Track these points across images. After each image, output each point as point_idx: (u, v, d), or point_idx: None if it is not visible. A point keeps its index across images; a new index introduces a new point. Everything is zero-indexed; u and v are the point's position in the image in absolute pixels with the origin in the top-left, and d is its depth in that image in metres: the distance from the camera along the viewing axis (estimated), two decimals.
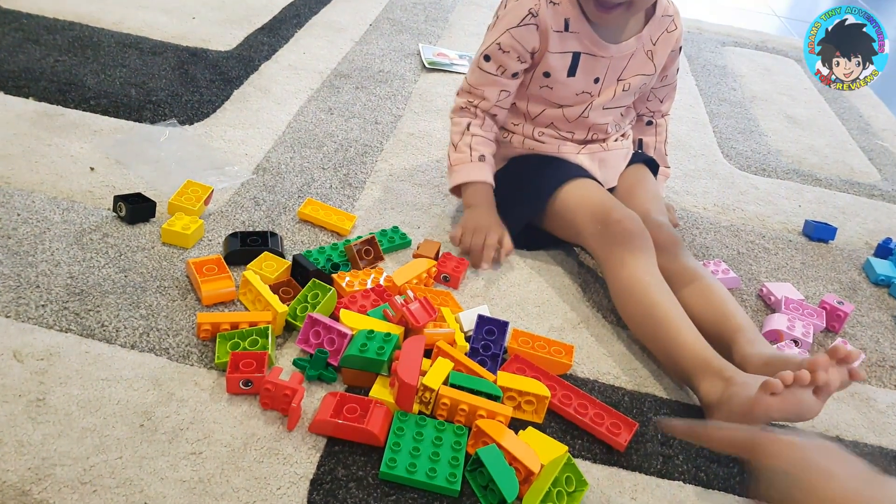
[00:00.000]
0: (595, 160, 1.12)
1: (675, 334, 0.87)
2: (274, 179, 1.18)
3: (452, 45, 1.88)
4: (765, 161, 1.55)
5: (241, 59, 1.56)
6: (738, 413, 0.77)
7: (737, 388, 0.79)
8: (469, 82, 1.09)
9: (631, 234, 0.96)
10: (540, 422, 0.82)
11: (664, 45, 1.09)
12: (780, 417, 0.78)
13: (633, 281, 0.93)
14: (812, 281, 1.18)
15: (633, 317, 0.93)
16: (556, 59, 1.04)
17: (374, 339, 0.82)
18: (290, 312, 0.88)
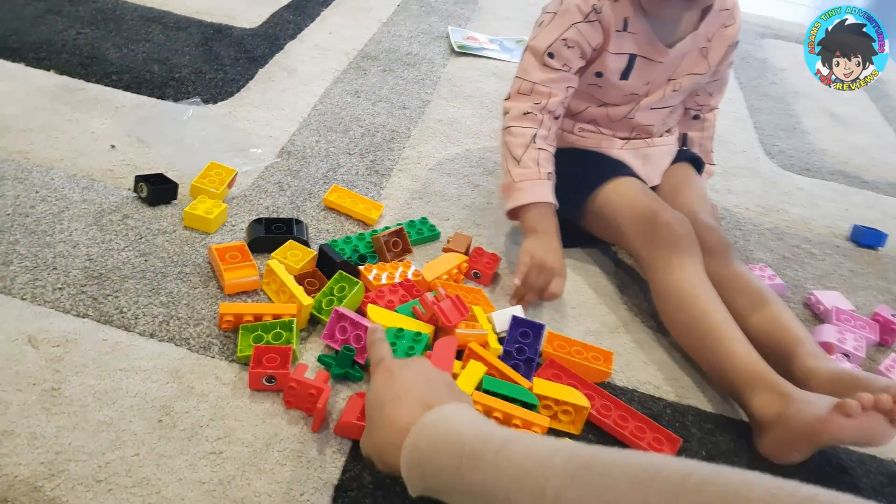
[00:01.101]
0: (638, 156, 1.07)
1: (726, 345, 0.82)
2: (299, 164, 1.14)
3: (482, 29, 1.82)
4: (808, 160, 1.49)
5: (266, 37, 1.51)
6: (802, 432, 0.73)
7: (798, 405, 0.74)
8: (533, 80, 0.97)
9: (680, 237, 0.91)
10: (577, 433, 0.77)
11: (720, 42, 1.03)
12: (850, 441, 0.73)
13: (681, 287, 0.88)
14: (861, 290, 1.12)
15: (680, 324, 0.88)
16: (612, 60, 0.98)
17: (403, 337, 0.78)
18: (315, 305, 0.83)
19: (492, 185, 1.20)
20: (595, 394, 0.81)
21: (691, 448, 0.78)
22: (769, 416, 0.77)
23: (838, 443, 0.76)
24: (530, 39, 0.99)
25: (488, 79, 1.58)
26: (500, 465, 0.48)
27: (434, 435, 0.54)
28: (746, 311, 0.90)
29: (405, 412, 0.57)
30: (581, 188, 1.02)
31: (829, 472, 0.79)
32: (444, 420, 0.55)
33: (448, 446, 0.52)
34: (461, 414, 0.56)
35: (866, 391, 0.74)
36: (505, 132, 0.99)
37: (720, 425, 0.82)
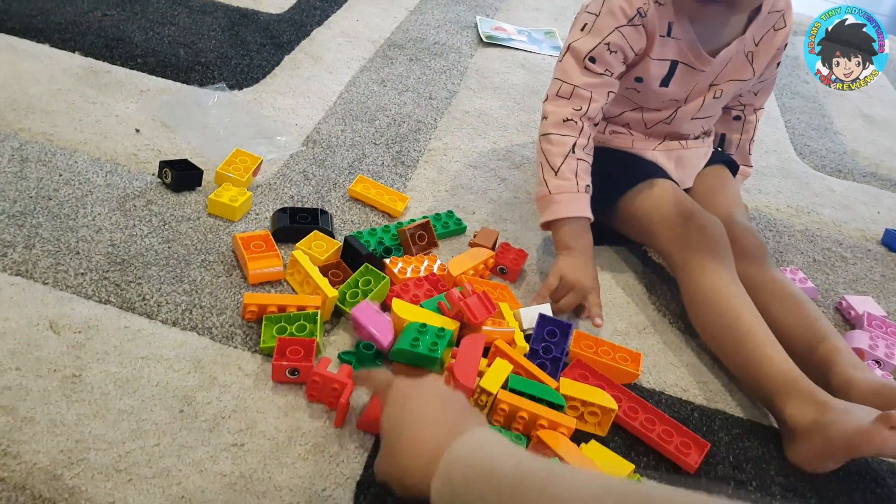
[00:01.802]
0: (672, 158, 1.04)
1: (760, 350, 0.80)
2: (324, 153, 1.13)
3: (511, 20, 1.79)
4: (841, 162, 1.45)
5: (292, 23, 1.50)
6: (842, 442, 0.71)
7: (836, 414, 0.72)
8: (574, 83, 0.92)
9: (714, 240, 0.89)
10: (603, 435, 0.75)
11: (767, 46, 0.99)
12: (892, 454, 0.71)
13: (714, 290, 0.86)
14: (893, 296, 1.09)
15: (712, 328, 0.86)
16: (654, 66, 0.95)
17: (426, 333, 0.76)
18: (339, 297, 0.82)
19: (519, 179, 1.18)
20: (622, 395, 0.79)
21: (719, 453, 0.76)
22: (804, 424, 0.75)
23: (879, 455, 0.74)
24: (570, 40, 0.94)
25: (516, 70, 1.55)
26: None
27: (468, 469, 0.52)
28: (783, 317, 0.87)
29: (428, 436, 0.56)
30: (613, 189, 1.00)
31: (859, 480, 0.77)
32: (478, 452, 0.53)
33: (485, 483, 0.50)
34: (493, 445, 0.54)
35: None
36: (543, 139, 0.94)
37: (749, 430, 0.80)
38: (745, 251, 0.92)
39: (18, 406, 0.65)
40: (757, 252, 0.93)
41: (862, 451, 0.71)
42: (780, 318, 0.87)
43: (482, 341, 0.77)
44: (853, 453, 0.72)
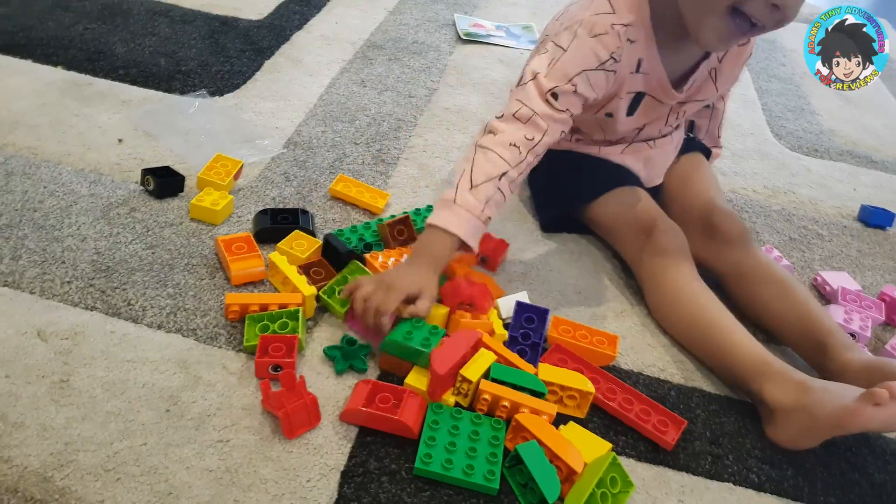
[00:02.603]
0: (640, 159, 1.04)
1: (728, 338, 0.83)
2: (305, 154, 1.14)
3: (489, 16, 1.81)
4: (817, 141, 1.47)
5: (272, 28, 1.51)
6: (827, 421, 0.73)
7: (818, 394, 0.74)
8: (535, 109, 0.84)
9: (674, 245, 0.91)
10: (583, 417, 0.77)
11: (732, 63, 0.97)
12: (877, 428, 0.73)
13: (678, 287, 0.89)
14: (869, 270, 1.11)
15: (680, 323, 0.89)
16: (622, 101, 0.93)
17: (420, 328, 0.77)
18: (327, 293, 0.84)
19: None
20: (600, 377, 0.81)
21: (696, 429, 0.78)
22: (786, 404, 0.76)
23: (864, 430, 0.76)
24: (536, 69, 0.85)
25: (495, 66, 1.57)
26: None
27: None
28: (773, 301, 0.89)
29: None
30: (579, 196, 1.02)
31: (834, 451, 0.79)
32: None
33: None
34: None
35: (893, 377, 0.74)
36: (479, 149, 0.84)
37: (725, 406, 0.82)
38: (728, 237, 0.94)
39: (8, 412, 0.67)
40: (740, 236, 0.95)
41: (849, 428, 0.72)
42: (769, 303, 0.89)
43: (474, 338, 0.77)
44: (839, 431, 0.73)
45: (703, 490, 0.72)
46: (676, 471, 0.74)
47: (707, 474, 0.74)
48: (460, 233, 0.81)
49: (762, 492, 0.74)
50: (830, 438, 0.76)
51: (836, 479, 0.76)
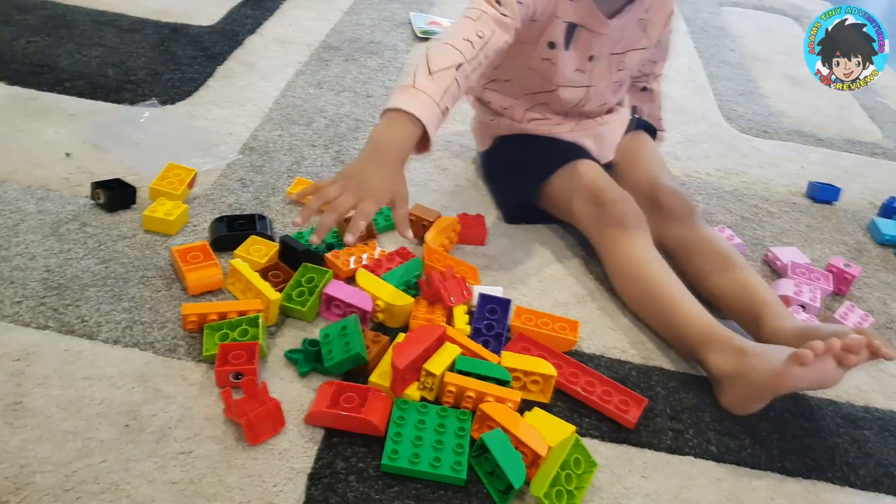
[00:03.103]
0: (590, 136, 1.07)
1: (677, 308, 0.85)
2: (262, 159, 1.14)
3: (445, 13, 1.81)
4: (767, 123, 1.50)
5: (224, 33, 1.50)
6: (761, 384, 0.75)
7: (754, 359, 0.77)
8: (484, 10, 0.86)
9: (626, 214, 0.93)
10: (547, 401, 0.78)
11: (658, 12, 1.02)
12: (806, 387, 0.76)
13: (630, 258, 0.90)
14: (818, 244, 1.14)
15: (633, 294, 0.91)
16: (558, 30, 0.96)
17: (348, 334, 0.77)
18: (285, 298, 0.84)
19: (460, 168, 1.20)
20: (563, 362, 0.82)
21: (657, 407, 0.80)
22: (727, 371, 0.79)
23: (796, 390, 0.79)
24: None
25: None
26: None
27: None
28: (714, 274, 0.92)
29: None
30: (534, 176, 1.03)
31: (788, 418, 0.82)
32: None
33: None
34: None
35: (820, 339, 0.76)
36: (433, 45, 0.85)
37: (684, 383, 0.84)
38: (673, 212, 0.96)
39: None
40: (684, 212, 0.97)
41: (780, 389, 0.75)
42: (711, 276, 0.91)
43: (437, 333, 0.77)
44: (774, 392, 0.76)
45: (665, 465, 0.74)
46: (639, 448, 0.75)
47: (668, 449, 0.76)
48: (422, 117, 0.78)
49: (722, 462, 0.75)
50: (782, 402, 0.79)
51: (791, 445, 0.78)
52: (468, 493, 0.68)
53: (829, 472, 0.77)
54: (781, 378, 0.73)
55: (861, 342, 0.73)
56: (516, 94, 1.05)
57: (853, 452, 0.79)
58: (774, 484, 0.74)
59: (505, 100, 1.07)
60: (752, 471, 0.75)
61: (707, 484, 0.73)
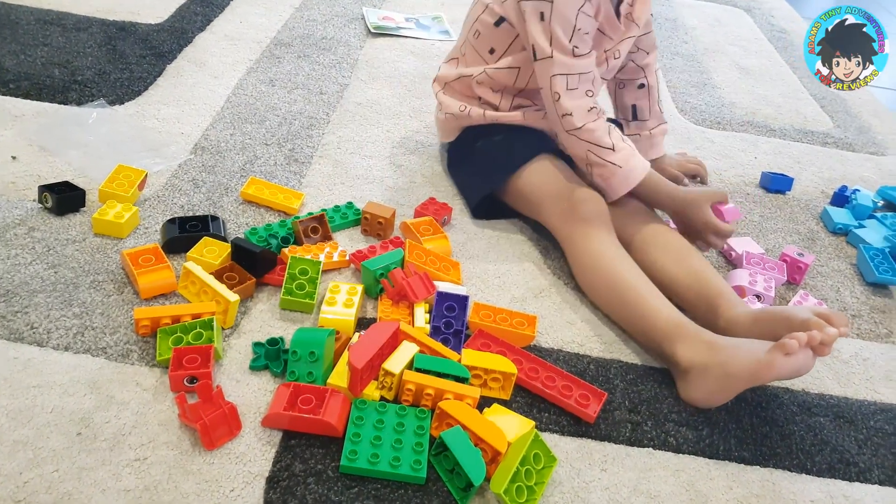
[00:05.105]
0: None
1: (644, 302, 0.86)
2: (214, 159, 1.12)
3: (398, 8, 1.81)
4: (719, 114, 1.53)
5: (173, 31, 1.47)
6: (741, 375, 0.77)
7: (728, 351, 0.78)
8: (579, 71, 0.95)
9: (595, 213, 0.94)
10: (507, 398, 0.79)
11: (642, 2, 1.03)
12: (786, 376, 0.77)
13: (596, 254, 0.91)
14: (771, 233, 1.17)
15: (599, 289, 0.92)
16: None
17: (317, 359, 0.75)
18: (287, 293, 0.84)
19: (415, 164, 1.20)
20: (523, 358, 0.83)
21: (616, 400, 0.81)
22: (698, 363, 0.80)
23: (777, 379, 0.80)
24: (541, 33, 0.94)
25: (406, 58, 1.57)
26: None
27: None
28: (670, 267, 0.93)
29: None
30: (503, 168, 1.03)
31: (745, 407, 0.83)
32: None
33: None
34: None
35: (786, 324, 0.79)
36: (577, 132, 0.96)
37: (642, 374, 0.85)
38: (628, 208, 0.98)
39: None
40: (639, 208, 0.99)
41: (763, 379, 0.77)
42: (667, 269, 0.93)
43: (392, 329, 0.77)
44: (754, 383, 0.78)
45: (623, 457, 0.75)
46: (598, 441, 0.76)
47: (627, 441, 0.77)
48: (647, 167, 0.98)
49: (680, 453, 0.77)
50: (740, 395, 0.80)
51: (748, 434, 0.80)
52: (428, 491, 0.68)
53: (785, 459, 0.78)
54: (767, 368, 0.75)
55: (834, 335, 0.76)
56: (520, 83, 1.04)
57: (809, 440, 0.81)
58: (732, 473, 0.76)
59: (497, 92, 1.06)
60: (710, 461, 0.77)
61: (665, 475, 0.74)
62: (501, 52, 1.03)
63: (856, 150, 1.49)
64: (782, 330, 0.78)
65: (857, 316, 1.02)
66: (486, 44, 1.04)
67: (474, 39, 1.06)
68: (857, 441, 0.82)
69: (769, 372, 0.75)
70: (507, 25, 1.01)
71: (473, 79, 1.06)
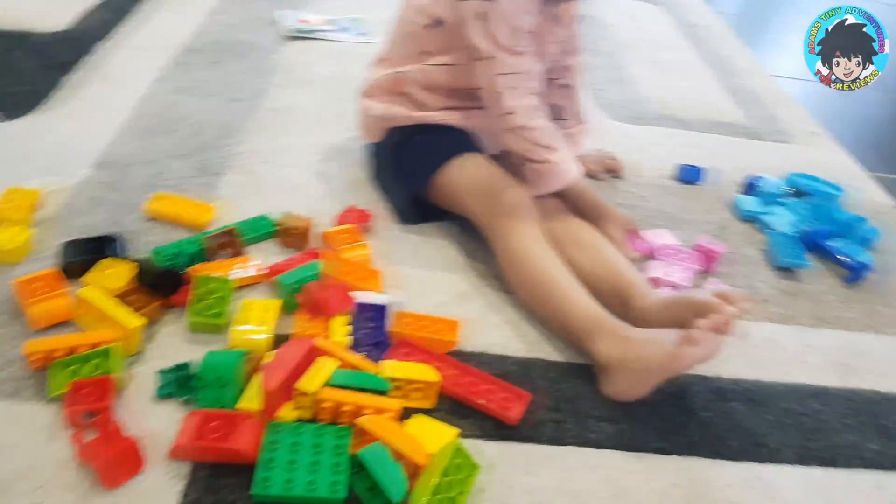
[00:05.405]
0: (484, 124, 1.04)
1: (565, 298, 0.86)
2: (117, 175, 1.06)
3: (317, 10, 1.77)
4: (636, 109, 1.56)
5: (73, 41, 1.40)
6: (654, 368, 0.77)
7: (642, 345, 0.79)
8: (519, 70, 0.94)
9: (518, 205, 0.94)
10: (431, 407, 0.77)
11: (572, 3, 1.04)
12: (698, 363, 0.78)
13: (520, 250, 0.91)
14: (686, 224, 1.19)
15: (523, 285, 0.91)
16: None
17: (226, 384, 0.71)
18: (194, 315, 0.80)
19: (334, 170, 1.17)
20: (445, 364, 0.81)
21: (538, 399, 0.80)
22: (614, 358, 0.80)
23: (689, 369, 0.81)
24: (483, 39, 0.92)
25: (325, 61, 1.54)
26: None
27: None
28: (584, 262, 0.93)
29: None
30: (427, 167, 1.01)
31: (663, 398, 0.84)
32: None
33: None
34: None
35: (690, 309, 0.80)
36: (522, 129, 0.95)
37: (564, 372, 0.85)
38: (546, 206, 0.98)
39: None
40: (554, 206, 0.99)
41: (675, 370, 0.78)
42: (582, 265, 0.93)
43: (306, 347, 0.74)
44: (668, 374, 0.78)
45: (546, 458, 0.75)
46: (522, 443, 0.75)
47: (550, 441, 0.76)
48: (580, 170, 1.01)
49: (602, 448, 0.77)
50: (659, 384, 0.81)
51: (667, 424, 0.81)
52: None
53: (702, 447, 0.79)
54: (676, 359, 0.76)
55: (734, 314, 0.77)
56: (454, 83, 1.02)
57: (724, 425, 0.82)
58: (652, 465, 0.76)
59: (432, 86, 1.04)
60: (631, 454, 0.77)
61: (587, 472, 0.74)
62: (436, 52, 1.01)
63: (764, 139, 1.53)
64: (688, 315, 0.79)
65: (766, 300, 1.05)
66: (419, 45, 1.02)
67: (406, 41, 1.04)
68: (769, 423, 0.84)
69: (679, 363, 0.77)
70: (443, 27, 0.99)
71: (406, 75, 1.04)
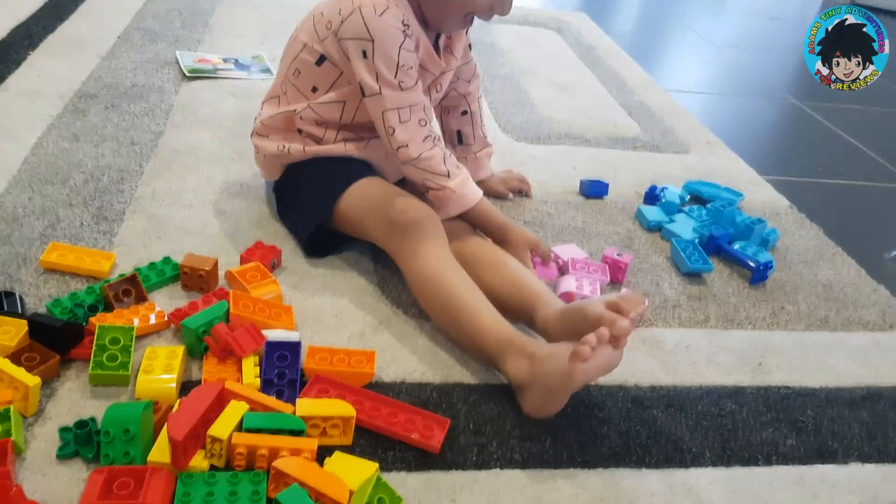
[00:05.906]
0: (381, 154, 1.07)
1: (475, 318, 0.86)
2: (9, 227, 1.01)
3: (215, 50, 1.75)
4: (539, 130, 1.61)
5: None
6: (554, 386, 0.78)
7: (544, 362, 0.79)
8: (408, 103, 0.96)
9: (418, 222, 0.94)
10: (349, 443, 0.76)
11: (458, 34, 1.08)
12: (595, 377, 0.80)
13: (427, 270, 0.91)
14: (594, 237, 1.23)
15: (433, 307, 0.92)
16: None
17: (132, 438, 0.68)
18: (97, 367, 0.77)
19: (239, 209, 1.15)
20: (363, 398, 0.81)
21: (459, 424, 0.81)
22: (524, 377, 0.81)
23: (587, 383, 0.82)
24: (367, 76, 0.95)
25: (226, 99, 1.52)
26: None
27: None
28: (491, 280, 0.95)
29: None
30: (327, 196, 1.01)
31: (583, 410, 0.86)
32: None
33: None
34: None
35: (582, 320, 0.81)
36: (416, 161, 0.98)
37: (484, 394, 0.86)
38: (450, 227, 0.99)
39: None
40: (458, 227, 1.02)
41: (573, 387, 0.78)
42: (488, 282, 0.94)
43: (212, 392, 0.72)
44: (569, 390, 0.79)
45: (472, 483, 0.75)
46: (446, 471, 0.75)
47: (475, 466, 0.77)
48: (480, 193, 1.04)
49: (526, 468, 0.77)
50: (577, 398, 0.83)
51: (588, 438, 0.83)
52: None
53: (624, 457, 0.81)
54: (572, 377, 0.76)
55: (626, 325, 0.77)
56: (346, 118, 1.03)
57: (644, 434, 0.84)
58: (577, 480, 0.77)
59: (320, 126, 1.04)
60: (556, 471, 0.78)
61: (513, 494, 0.74)
62: (325, 89, 1.02)
63: (662, 150, 1.62)
64: (582, 326, 0.80)
65: (676, 306, 1.10)
66: (308, 82, 1.03)
67: (295, 78, 1.04)
68: (688, 427, 0.87)
69: (575, 380, 0.77)
70: (329, 64, 1.00)
71: (297, 114, 1.04)
